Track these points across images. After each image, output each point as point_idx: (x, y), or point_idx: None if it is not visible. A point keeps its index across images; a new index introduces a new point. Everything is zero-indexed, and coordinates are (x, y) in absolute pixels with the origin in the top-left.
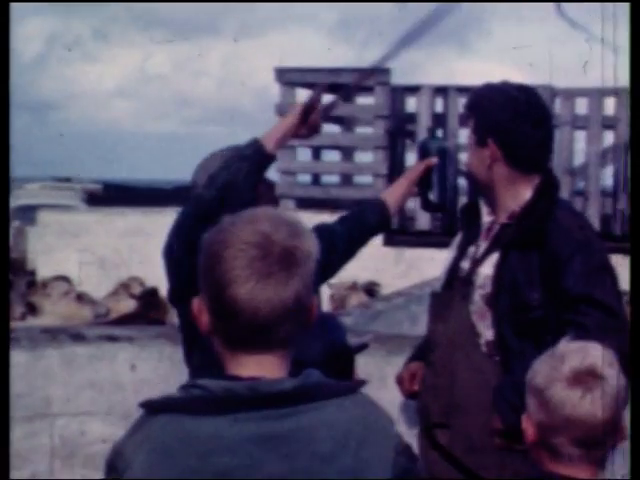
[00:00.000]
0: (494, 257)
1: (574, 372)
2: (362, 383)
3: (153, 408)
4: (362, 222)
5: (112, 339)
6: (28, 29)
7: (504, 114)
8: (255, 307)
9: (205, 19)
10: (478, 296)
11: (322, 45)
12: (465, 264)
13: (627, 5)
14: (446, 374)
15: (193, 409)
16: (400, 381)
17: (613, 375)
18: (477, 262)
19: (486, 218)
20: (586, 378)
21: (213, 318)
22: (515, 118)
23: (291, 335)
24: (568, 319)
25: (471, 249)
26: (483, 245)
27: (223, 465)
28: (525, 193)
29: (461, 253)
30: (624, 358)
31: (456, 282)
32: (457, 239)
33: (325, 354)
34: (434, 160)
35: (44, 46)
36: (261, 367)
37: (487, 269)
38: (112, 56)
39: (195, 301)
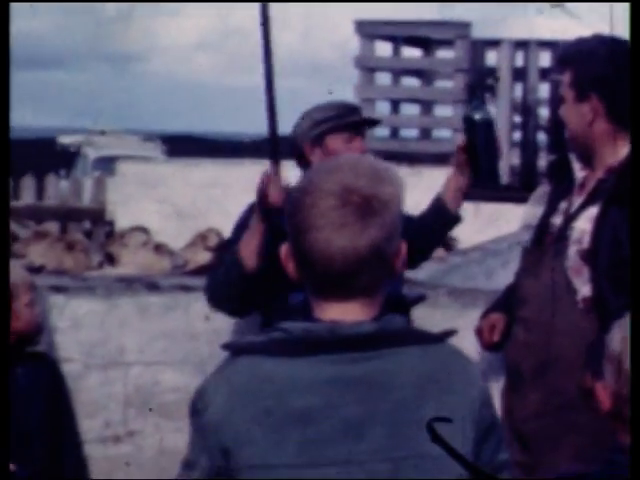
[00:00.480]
0: (590, 212)
1: None
2: (451, 333)
3: (235, 350)
4: (425, 229)
5: (186, 289)
6: None
7: (607, 67)
8: (329, 256)
9: None
10: (574, 252)
11: None
12: (557, 220)
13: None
14: (540, 330)
15: (272, 351)
16: (479, 332)
17: None
18: (572, 217)
19: (579, 174)
20: None
21: (297, 265)
22: (618, 71)
23: (374, 283)
24: None
25: (563, 204)
26: (577, 200)
27: (300, 406)
28: (623, 149)
29: (551, 209)
30: None
31: (547, 238)
32: (536, 194)
33: None
34: (463, 141)
35: None
36: (343, 313)
37: (584, 224)
38: (195, 8)
39: (284, 247)
